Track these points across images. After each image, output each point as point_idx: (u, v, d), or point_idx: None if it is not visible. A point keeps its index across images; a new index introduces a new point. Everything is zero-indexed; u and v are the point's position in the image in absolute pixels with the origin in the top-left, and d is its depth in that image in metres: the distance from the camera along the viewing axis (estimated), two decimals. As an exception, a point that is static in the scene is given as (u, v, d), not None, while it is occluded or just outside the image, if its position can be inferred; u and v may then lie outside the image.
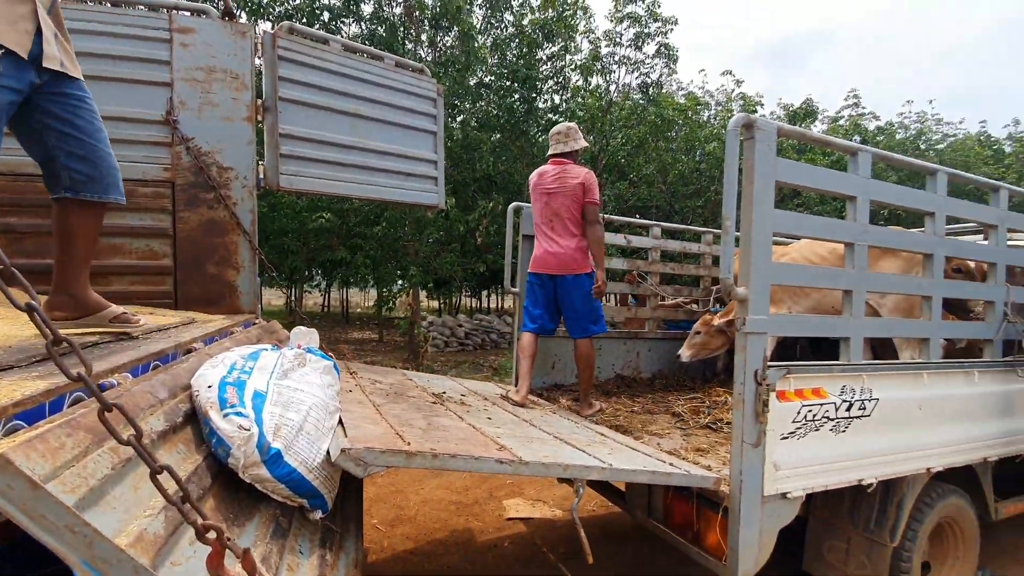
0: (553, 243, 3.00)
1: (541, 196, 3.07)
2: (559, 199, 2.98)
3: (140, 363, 1.46)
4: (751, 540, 1.87)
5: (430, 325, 12.24)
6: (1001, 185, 2.65)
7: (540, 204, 3.08)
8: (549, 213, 3.02)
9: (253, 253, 3.03)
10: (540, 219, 3.10)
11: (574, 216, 2.96)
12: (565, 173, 3.00)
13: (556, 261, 2.97)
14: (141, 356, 1.47)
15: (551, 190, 3.01)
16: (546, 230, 3.05)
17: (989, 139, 18.98)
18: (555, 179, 3.01)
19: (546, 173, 3.08)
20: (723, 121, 14.26)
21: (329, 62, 3.27)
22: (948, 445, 2.37)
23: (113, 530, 0.87)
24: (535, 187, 3.11)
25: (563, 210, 2.97)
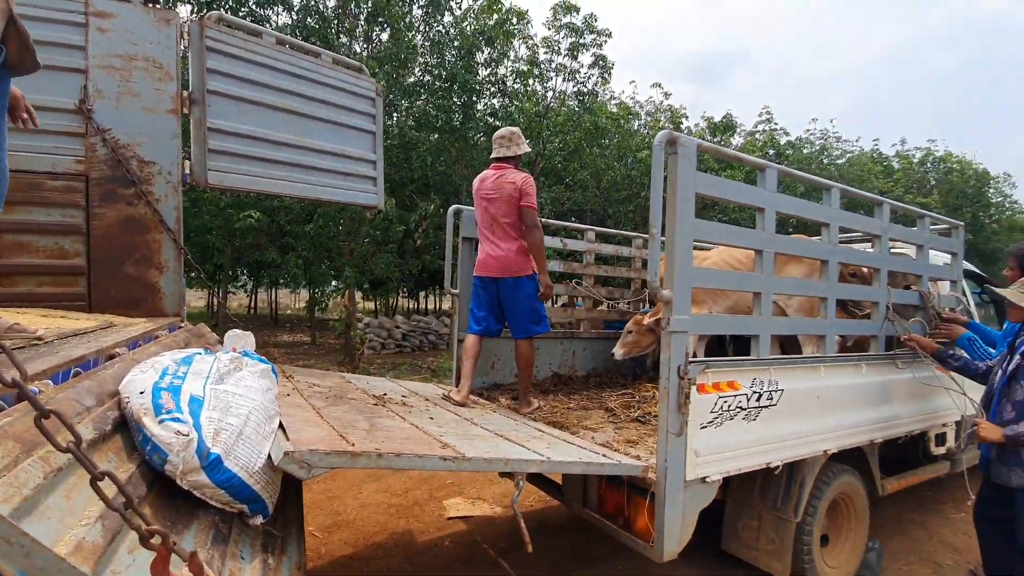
0: (494, 247, 3.06)
1: (481, 201, 3.12)
2: (498, 204, 3.04)
3: (60, 369, 1.39)
4: (675, 522, 2.04)
5: (366, 327, 11.96)
6: (884, 200, 3.03)
7: (481, 209, 3.14)
8: (489, 218, 3.08)
9: (178, 252, 2.88)
10: (481, 223, 3.15)
11: (513, 220, 3.03)
12: (503, 178, 3.05)
13: (498, 264, 3.03)
14: (61, 362, 1.40)
15: (490, 195, 3.07)
16: (487, 234, 3.11)
17: (880, 156, 21.16)
18: (494, 184, 3.07)
19: (486, 178, 3.14)
20: (652, 131, 15.00)
21: (262, 56, 3.16)
22: (842, 429, 2.68)
23: (50, 540, 0.85)
24: (476, 192, 3.17)
25: (501, 215, 3.03)
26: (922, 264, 3.34)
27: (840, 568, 2.79)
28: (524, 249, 3.04)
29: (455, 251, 3.60)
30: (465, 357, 3.07)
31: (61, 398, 1.19)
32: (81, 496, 1.03)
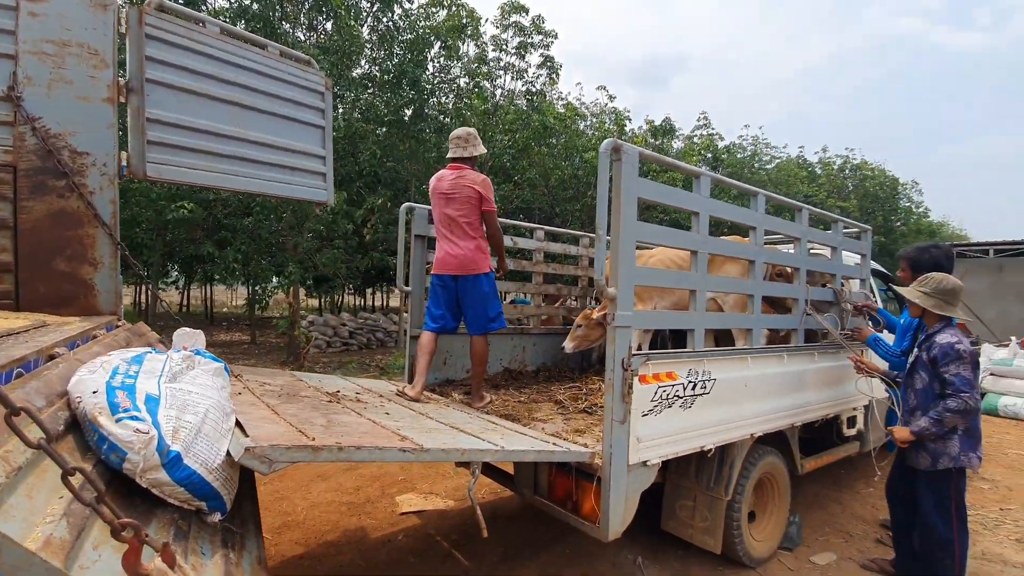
0: (453, 245, 3.11)
1: (439, 201, 3.16)
2: (456, 204, 3.09)
3: (3, 371, 1.35)
4: (619, 503, 2.19)
5: (310, 324, 11.62)
6: (804, 206, 3.33)
7: (438, 208, 3.18)
8: (447, 217, 3.13)
9: (114, 248, 2.76)
10: (439, 222, 3.20)
11: (471, 219, 3.10)
12: (462, 179, 3.11)
13: (456, 262, 3.09)
14: (3, 363, 1.35)
15: (449, 195, 3.11)
16: (445, 233, 3.15)
17: (805, 162, 22.71)
18: (452, 184, 3.12)
19: (444, 178, 3.17)
20: (598, 132, 15.42)
21: (205, 45, 3.07)
22: (767, 415, 2.94)
23: (18, 537, 0.86)
24: (433, 191, 3.21)
25: (460, 215, 3.09)
26: (836, 264, 3.70)
27: (765, 541, 3.06)
28: (482, 247, 3.12)
29: (407, 248, 3.62)
30: (420, 354, 3.11)
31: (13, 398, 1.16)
32: (42, 494, 1.03)
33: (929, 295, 2.73)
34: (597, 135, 14.98)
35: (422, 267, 3.68)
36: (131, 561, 0.91)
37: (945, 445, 2.63)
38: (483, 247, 3.14)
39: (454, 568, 2.90)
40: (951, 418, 2.53)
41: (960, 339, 2.63)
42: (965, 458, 2.61)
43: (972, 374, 2.59)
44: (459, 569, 2.89)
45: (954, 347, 2.59)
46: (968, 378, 2.56)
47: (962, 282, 2.83)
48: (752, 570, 2.91)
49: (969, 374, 2.57)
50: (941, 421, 2.55)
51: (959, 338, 2.64)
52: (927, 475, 2.69)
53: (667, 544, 3.12)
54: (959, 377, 2.55)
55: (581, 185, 13.45)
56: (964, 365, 2.57)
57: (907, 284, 3.05)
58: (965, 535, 2.66)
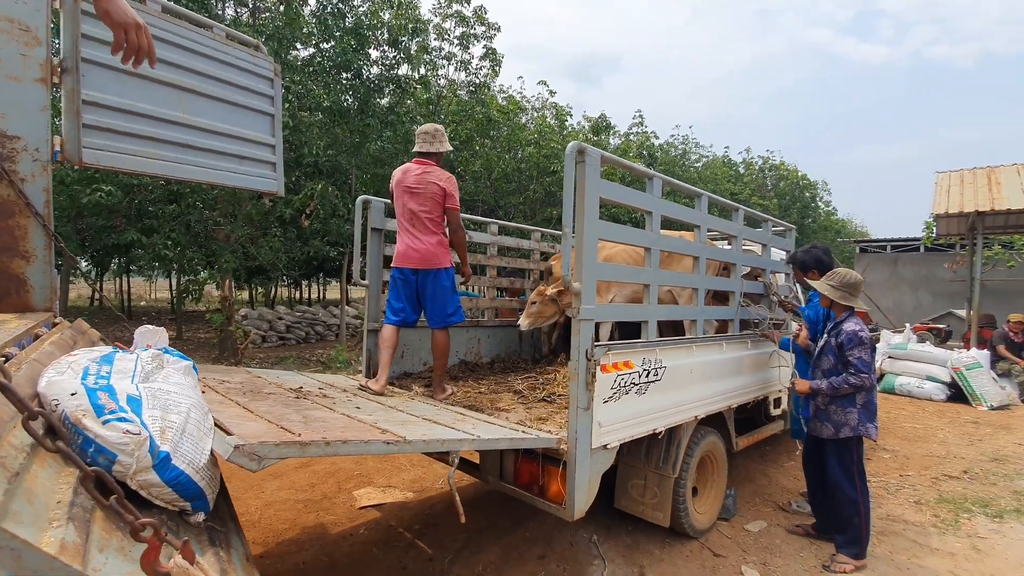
0: (415, 239, 3.13)
1: (403, 194, 3.15)
2: (421, 199, 3.10)
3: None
4: (583, 485, 2.34)
5: (244, 318, 11.07)
6: (740, 207, 3.63)
7: (401, 202, 3.17)
8: (409, 212, 3.13)
9: (48, 240, 2.56)
10: (401, 216, 3.20)
11: (433, 215, 3.12)
12: (428, 175, 3.12)
13: (418, 256, 3.11)
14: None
15: (413, 190, 3.12)
16: (407, 227, 3.16)
17: (730, 161, 24.18)
18: (417, 179, 3.12)
19: (409, 172, 3.17)
20: (539, 126, 15.63)
21: (146, 23, 2.89)
22: (709, 398, 3.21)
23: (33, 542, 0.84)
24: (398, 184, 3.19)
25: (423, 210, 3.10)
26: (766, 259, 4.06)
27: (706, 513, 3.35)
28: (443, 242, 3.17)
29: (364, 243, 3.59)
30: (383, 347, 3.14)
31: None
32: (39, 498, 1.01)
33: (835, 288, 3.11)
34: (538, 129, 15.19)
35: (379, 261, 3.66)
36: (151, 560, 0.92)
37: (846, 417, 3.04)
38: (444, 243, 3.19)
39: (418, 557, 2.96)
40: (847, 388, 2.96)
41: (863, 328, 3.04)
42: (863, 428, 3.03)
43: (870, 357, 3.00)
44: (423, 557, 2.95)
45: (857, 334, 2.99)
46: (868, 361, 2.97)
47: (862, 275, 3.24)
48: (695, 540, 3.18)
49: (868, 357, 2.98)
50: (837, 388, 2.98)
51: (862, 327, 3.04)
52: (832, 443, 3.09)
53: (618, 522, 3.33)
54: (860, 360, 2.96)
55: (523, 178, 13.62)
56: (865, 350, 2.98)
57: (802, 282, 3.48)
58: (867, 494, 3.07)
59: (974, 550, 3.22)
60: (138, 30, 1.24)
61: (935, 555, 3.15)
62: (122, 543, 1.08)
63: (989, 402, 6.88)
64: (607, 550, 3.06)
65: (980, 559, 3.11)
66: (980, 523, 3.58)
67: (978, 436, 5.71)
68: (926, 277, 14.73)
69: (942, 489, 4.18)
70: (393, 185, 3.25)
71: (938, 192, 8.98)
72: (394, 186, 3.24)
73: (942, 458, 4.94)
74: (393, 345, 3.16)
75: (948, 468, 4.65)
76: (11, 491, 0.92)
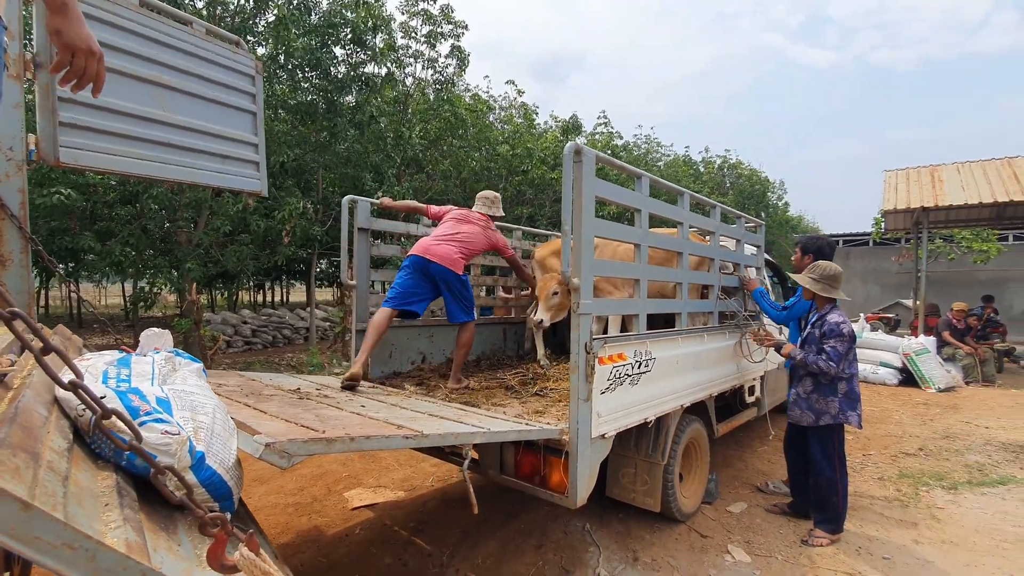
0: (441, 244, 3.39)
1: (458, 217, 3.59)
2: (470, 230, 3.51)
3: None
4: (584, 473, 2.42)
5: (207, 323, 10.68)
6: (718, 204, 3.79)
7: (451, 220, 3.57)
8: (453, 230, 3.49)
9: (24, 243, 2.46)
10: (443, 226, 3.54)
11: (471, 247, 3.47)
12: (488, 227, 3.62)
13: (442, 253, 3.33)
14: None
15: (471, 221, 3.57)
16: (444, 234, 3.45)
17: (690, 160, 24.89)
18: (477, 224, 3.57)
19: (472, 215, 3.65)
20: (508, 125, 15.70)
21: (122, 18, 2.81)
22: (693, 387, 3.35)
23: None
24: (457, 212, 3.65)
25: (466, 235, 3.48)
26: (739, 254, 4.25)
27: (692, 498, 3.49)
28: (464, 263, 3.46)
29: (351, 242, 3.57)
30: (372, 330, 3.20)
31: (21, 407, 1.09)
32: (87, 500, 1.00)
33: (816, 280, 3.29)
34: (507, 129, 15.27)
35: (367, 261, 3.64)
36: (217, 554, 0.93)
37: (827, 406, 3.21)
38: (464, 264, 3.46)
39: (417, 553, 2.98)
40: (815, 368, 3.16)
41: (845, 320, 3.21)
42: (843, 416, 3.21)
43: (845, 349, 3.17)
44: (422, 554, 2.98)
45: (839, 326, 3.17)
46: (841, 352, 3.15)
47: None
48: (683, 523, 3.32)
49: (843, 349, 3.16)
50: (807, 363, 3.19)
51: (844, 319, 3.22)
52: (813, 429, 3.26)
53: (609, 510, 3.44)
54: (833, 349, 3.15)
55: (492, 177, 13.66)
56: (841, 342, 3.16)
57: (800, 266, 3.67)
58: (845, 476, 3.27)
59: (934, 519, 3.48)
60: (89, 56, 1.14)
61: (900, 526, 3.39)
62: (168, 542, 1.09)
63: (937, 385, 7.39)
64: (600, 537, 3.16)
65: (940, 527, 3.37)
66: (937, 495, 3.87)
67: (929, 416, 6.13)
68: (875, 270, 15.63)
69: (901, 466, 4.48)
70: (450, 212, 3.67)
71: (887, 189, 9.54)
72: (451, 212, 3.65)
73: (899, 437, 5.28)
74: (382, 331, 3.22)
75: (905, 446, 4.99)
76: (67, 495, 0.92)
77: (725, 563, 2.93)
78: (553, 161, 13.28)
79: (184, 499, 0.90)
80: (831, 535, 3.17)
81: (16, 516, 0.74)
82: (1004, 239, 14.06)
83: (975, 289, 12.59)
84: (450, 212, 3.69)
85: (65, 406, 1.27)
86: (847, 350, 3.18)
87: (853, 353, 3.27)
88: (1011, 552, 3.05)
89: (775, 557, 3.00)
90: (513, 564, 2.88)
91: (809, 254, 3.78)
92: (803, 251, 3.86)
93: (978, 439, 5.20)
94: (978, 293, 10.78)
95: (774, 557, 3.00)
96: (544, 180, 13.05)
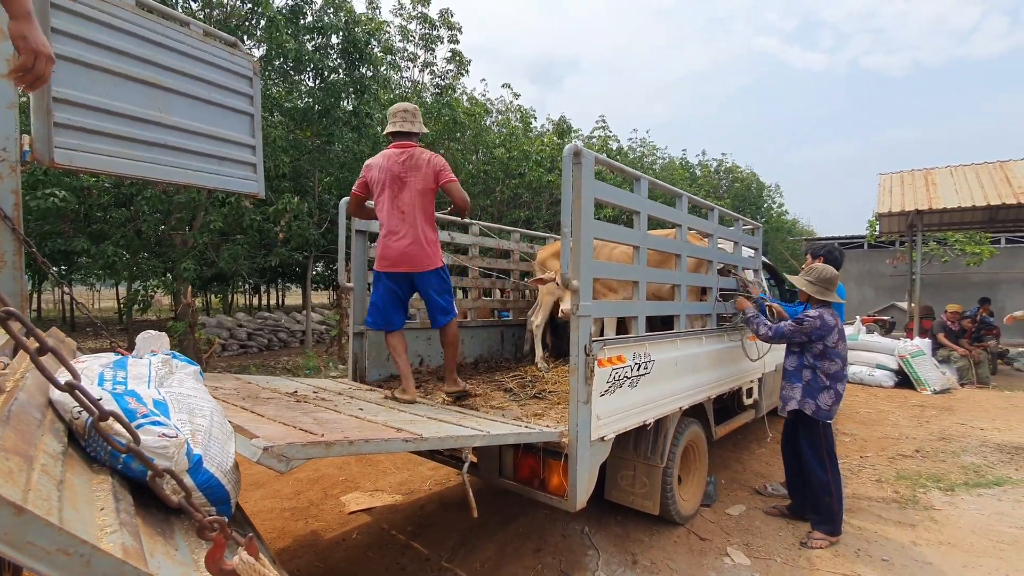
0: (402, 240, 2.87)
1: (391, 186, 2.85)
2: (409, 190, 2.83)
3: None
4: (584, 476, 2.41)
5: (202, 326, 10.62)
6: (714, 206, 3.80)
7: (388, 196, 2.86)
8: (398, 209, 2.85)
9: (18, 245, 2.43)
10: (389, 212, 2.88)
11: (427, 209, 2.88)
12: (413, 159, 2.82)
13: (409, 260, 2.88)
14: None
15: (402, 179, 2.83)
16: (396, 223, 2.86)
17: (687, 163, 24.96)
18: (404, 166, 2.81)
19: (390, 159, 2.85)
20: (504, 128, 15.72)
21: (119, 19, 2.80)
22: (692, 389, 3.35)
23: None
24: (383, 170, 2.87)
25: (415, 204, 2.82)
26: (737, 256, 4.26)
27: (690, 500, 3.48)
28: (434, 239, 2.97)
29: (348, 245, 3.55)
30: (397, 355, 3.00)
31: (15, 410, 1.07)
32: (82, 505, 0.99)
33: (812, 283, 3.32)
34: (504, 132, 15.27)
35: (364, 263, 3.63)
36: (215, 558, 0.91)
37: (791, 391, 3.35)
38: (435, 239, 2.97)
39: (415, 558, 2.95)
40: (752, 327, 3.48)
41: (818, 317, 3.22)
42: (803, 403, 3.29)
43: (791, 331, 3.25)
44: (419, 558, 2.95)
45: (806, 316, 3.25)
46: (785, 331, 3.28)
47: None
48: (682, 526, 3.30)
49: (790, 330, 3.26)
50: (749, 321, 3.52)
51: (818, 316, 3.23)
52: (802, 427, 3.32)
53: (607, 513, 3.43)
54: (783, 325, 3.31)
55: (490, 180, 13.65)
56: (796, 325, 3.25)
57: None
58: (838, 477, 3.28)
59: (932, 521, 3.48)
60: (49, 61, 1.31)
61: (898, 527, 3.39)
62: (166, 547, 1.07)
63: (932, 387, 7.42)
64: (599, 540, 3.14)
65: (938, 529, 3.37)
66: (935, 496, 3.88)
67: (925, 418, 6.15)
68: (869, 272, 15.70)
69: (899, 467, 4.49)
70: (372, 178, 2.93)
71: (881, 192, 9.60)
72: (374, 179, 2.91)
73: (896, 439, 5.29)
74: (405, 348, 3.03)
75: (902, 448, 5.00)
76: (61, 498, 0.90)
77: (724, 566, 2.92)
78: (549, 164, 13.29)
79: (183, 502, 0.89)
80: (829, 536, 3.17)
81: (9, 521, 0.72)
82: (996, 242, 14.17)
83: (969, 291, 12.68)
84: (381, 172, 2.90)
85: (60, 409, 1.25)
86: (796, 334, 3.25)
87: (820, 347, 3.27)
88: (1008, 553, 3.06)
89: (774, 559, 2.99)
90: (512, 567, 2.86)
91: (819, 257, 3.83)
92: (814, 258, 3.91)
93: (974, 440, 5.22)
94: (972, 295, 10.85)
95: (773, 559, 2.99)
96: (541, 182, 13.06)
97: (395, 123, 2.97)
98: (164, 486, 1.18)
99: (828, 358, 3.26)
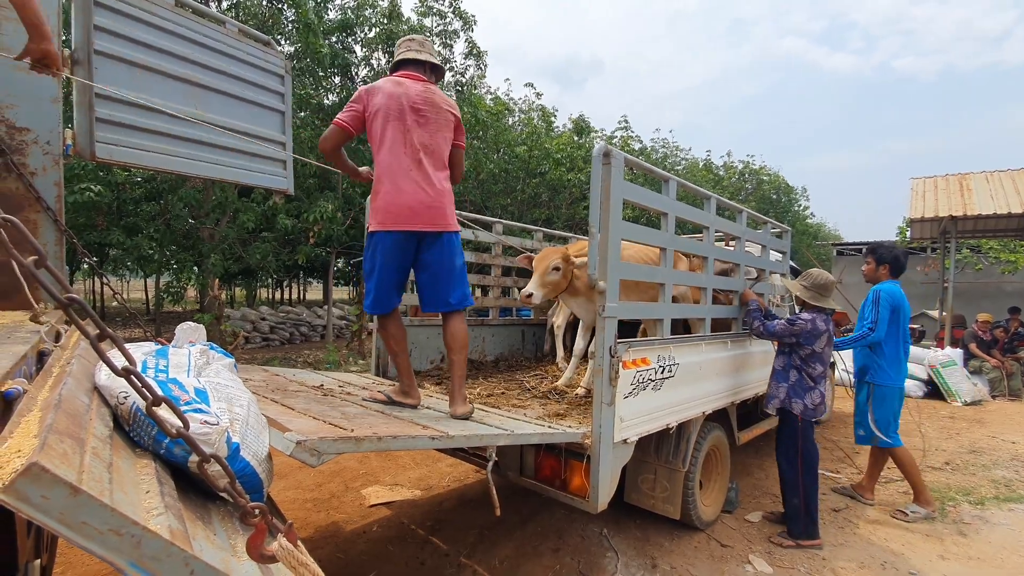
0: (419, 188, 2.19)
1: (404, 119, 2.20)
2: (431, 128, 2.23)
3: (17, 368, 1.26)
4: (606, 478, 2.40)
5: (227, 319, 10.85)
6: (744, 209, 3.74)
7: (398, 131, 2.19)
8: (412, 147, 2.20)
9: (59, 235, 2.53)
10: (399, 150, 2.20)
11: (444, 153, 2.30)
12: (434, 95, 2.26)
13: (428, 212, 2.21)
14: (15, 362, 1.26)
15: (422, 112, 2.21)
16: (409, 166, 2.19)
17: (711, 165, 24.62)
18: (424, 100, 2.22)
19: (406, 86, 2.22)
20: (527, 127, 15.70)
21: (158, 17, 2.88)
22: (715, 394, 3.31)
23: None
24: (395, 99, 2.20)
25: (435, 143, 2.24)
26: (765, 260, 4.19)
27: (712, 506, 3.44)
28: (452, 197, 2.37)
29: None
30: (397, 347, 2.39)
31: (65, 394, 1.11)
32: (129, 487, 1.01)
33: (807, 288, 3.29)
34: (526, 131, 15.25)
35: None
36: (257, 544, 0.93)
37: (776, 389, 3.31)
38: (451, 194, 2.37)
39: (434, 552, 2.97)
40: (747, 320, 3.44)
41: (811, 320, 3.18)
42: (790, 402, 3.26)
43: (783, 331, 3.22)
44: (439, 553, 2.97)
45: (798, 318, 3.21)
46: (776, 330, 3.25)
47: (839, 277, 3.42)
48: (702, 532, 3.27)
49: (781, 329, 3.23)
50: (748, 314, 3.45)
51: (811, 318, 3.19)
52: (780, 425, 3.32)
53: (626, 516, 3.40)
54: (776, 323, 3.29)
55: (510, 179, 13.66)
56: (788, 325, 3.22)
57: (875, 277, 3.77)
58: (810, 478, 3.20)
59: (960, 535, 3.38)
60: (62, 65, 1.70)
61: (926, 540, 3.30)
62: (206, 531, 1.10)
63: (963, 398, 7.20)
64: (618, 543, 3.13)
65: (967, 543, 3.28)
66: (964, 510, 3.77)
67: (955, 430, 5.97)
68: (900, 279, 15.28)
69: (927, 480, 4.36)
70: (375, 107, 2.21)
71: (914, 197, 9.34)
72: (378, 108, 2.21)
73: (925, 451, 5.15)
74: (405, 336, 2.43)
75: (931, 460, 4.86)
76: (111, 481, 0.93)
77: (746, 573, 2.88)
78: (569, 163, 13.23)
79: (228, 487, 0.91)
80: (795, 539, 3.14)
81: (65, 501, 0.75)
82: (1033, 250, 13.68)
83: (1001, 301, 12.25)
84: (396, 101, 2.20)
85: (106, 393, 1.29)
86: (786, 334, 3.22)
87: (808, 351, 3.23)
88: (1044, 572, 2.96)
89: (797, 569, 2.94)
90: (530, 566, 2.87)
91: (885, 264, 3.72)
92: (877, 261, 3.80)
93: (1005, 454, 5.06)
94: (1004, 305, 10.49)
95: (796, 569, 2.94)
96: (561, 182, 13.00)
97: (409, 49, 2.34)
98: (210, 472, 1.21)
99: (814, 362, 3.22)
